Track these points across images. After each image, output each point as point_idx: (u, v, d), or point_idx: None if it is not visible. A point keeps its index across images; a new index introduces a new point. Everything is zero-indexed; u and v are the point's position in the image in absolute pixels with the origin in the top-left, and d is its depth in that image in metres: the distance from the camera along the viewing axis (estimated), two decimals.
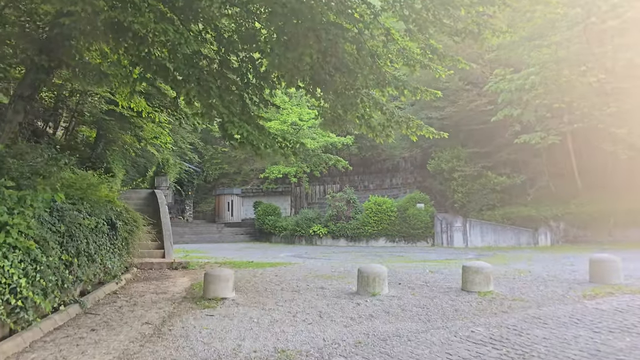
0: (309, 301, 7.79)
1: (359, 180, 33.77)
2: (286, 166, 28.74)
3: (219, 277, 8.04)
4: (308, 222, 26.92)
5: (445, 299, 7.81)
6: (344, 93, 9.04)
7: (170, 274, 11.30)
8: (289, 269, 12.28)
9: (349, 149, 33.67)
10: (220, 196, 34.18)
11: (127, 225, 10.19)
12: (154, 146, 18.23)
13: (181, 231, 29.13)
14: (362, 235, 25.83)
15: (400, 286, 9.02)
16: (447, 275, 10.30)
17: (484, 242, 23.91)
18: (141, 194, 15.80)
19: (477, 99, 25.19)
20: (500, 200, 25.09)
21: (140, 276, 10.85)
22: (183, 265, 12.41)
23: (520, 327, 6.09)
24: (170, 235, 13.68)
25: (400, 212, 25.69)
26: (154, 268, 12.16)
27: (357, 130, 10.01)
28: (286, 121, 27.83)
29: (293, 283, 9.57)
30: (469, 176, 25.35)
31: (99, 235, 8.24)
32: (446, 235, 24.74)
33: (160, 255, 13.34)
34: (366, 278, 8.17)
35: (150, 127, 17.39)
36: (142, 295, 8.35)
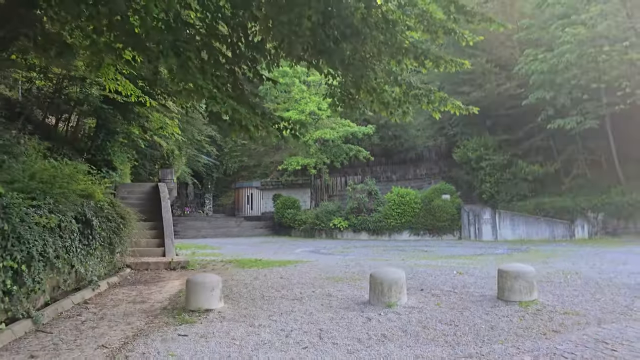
0: (310, 314, 6.28)
1: (381, 171, 32.06)
2: (305, 157, 27.24)
3: (203, 285, 6.60)
4: (328, 215, 25.40)
5: (479, 311, 6.19)
6: (352, 64, 7.46)
7: (164, 276, 9.95)
8: (299, 268, 10.80)
9: (371, 139, 31.95)
10: (240, 189, 32.95)
11: (110, 222, 8.85)
12: (163, 137, 16.99)
13: (199, 225, 28.01)
14: (385, 229, 24.19)
15: (423, 293, 7.43)
16: (479, 278, 8.65)
17: (514, 234, 22.00)
18: (145, 187, 14.56)
19: (506, 82, 23.21)
20: (532, 190, 23.13)
21: (130, 279, 9.52)
22: (182, 265, 11.05)
23: (580, 355, 4.48)
24: (172, 232, 12.37)
25: (425, 204, 23.95)
26: (149, 268, 10.84)
27: (368, 107, 8.42)
28: (304, 111, 26.27)
29: (297, 288, 8.07)
30: (497, 165, 23.43)
31: (66, 235, 6.88)
32: (474, 227, 22.92)
33: (160, 254, 12.03)
34: (380, 286, 6.60)
35: (157, 117, 16.13)
36: (116, 306, 6.97)
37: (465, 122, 26.01)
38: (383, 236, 24.25)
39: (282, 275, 9.64)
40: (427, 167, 31.06)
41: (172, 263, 11.01)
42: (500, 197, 23.43)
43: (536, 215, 21.81)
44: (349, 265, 11.17)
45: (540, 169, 22.75)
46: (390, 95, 7.77)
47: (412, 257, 13.60)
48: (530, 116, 23.50)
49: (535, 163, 23.17)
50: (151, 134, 16.24)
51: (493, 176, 23.64)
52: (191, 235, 26.32)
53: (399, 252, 16.30)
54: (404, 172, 31.42)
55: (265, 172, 34.86)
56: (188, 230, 26.91)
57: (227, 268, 10.95)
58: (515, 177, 23.24)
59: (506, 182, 23.38)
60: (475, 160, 24.13)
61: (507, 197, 23.26)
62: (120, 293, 7.87)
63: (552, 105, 20.98)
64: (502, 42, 23.71)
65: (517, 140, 23.90)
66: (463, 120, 25.82)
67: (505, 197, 23.29)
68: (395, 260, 12.41)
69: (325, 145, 28.80)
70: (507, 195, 23.26)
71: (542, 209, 21.98)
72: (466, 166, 25.59)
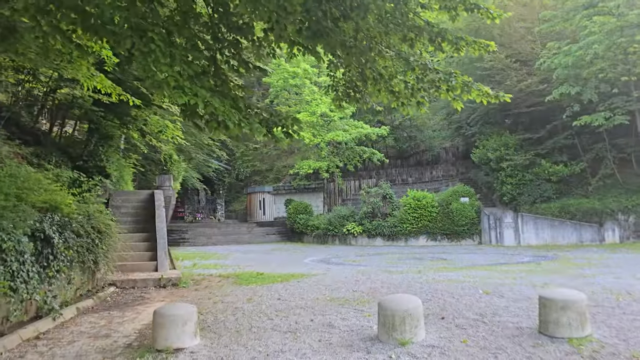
0: (303, 356, 4.89)
1: (397, 173, 30.51)
2: (317, 160, 25.89)
3: (172, 319, 5.25)
4: (341, 220, 23.97)
5: (518, 354, 4.72)
6: (355, 46, 6.08)
7: (149, 296, 8.65)
8: (303, 284, 9.42)
9: (385, 141, 30.57)
10: (252, 194, 31.70)
11: (82, 237, 7.59)
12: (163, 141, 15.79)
13: (209, 232, 26.81)
14: (401, 234, 22.67)
15: (444, 323, 5.98)
16: (511, 301, 7.14)
17: (539, 239, 20.32)
18: (141, 195, 13.36)
19: (527, 78, 21.53)
20: (556, 192, 21.40)
21: (109, 301, 8.24)
22: (173, 282, 9.75)
23: None
24: (165, 243, 11.10)
25: (443, 208, 22.38)
26: (136, 286, 9.56)
27: (374, 99, 7.01)
28: (315, 112, 24.95)
29: (294, 315, 6.68)
30: (519, 165, 21.75)
31: (11, 258, 5.61)
32: (495, 232, 21.29)
33: (151, 269, 10.75)
34: (391, 318, 5.18)
35: (155, 120, 14.94)
36: (72, 342, 5.66)
37: (483, 121, 24.38)
38: (399, 242, 22.73)
39: (281, 295, 8.26)
40: (444, 168, 29.46)
41: (162, 280, 9.71)
42: (523, 199, 21.75)
43: (561, 218, 20.11)
44: (359, 281, 9.75)
45: (565, 169, 21.02)
46: (402, 83, 6.34)
47: (429, 268, 12.12)
48: (553, 113, 21.81)
49: (559, 163, 21.45)
50: (150, 138, 15.05)
51: (514, 177, 21.97)
52: (201, 243, 25.14)
53: (415, 260, 14.81)
54: (420, 175, 29.84)
55: (278, 176, 33.60)
56: (198, 238, 25.74)
57: (222, 285, 9.61)
58: (538, 178, 21.55)
59: (528, 183, 21.70)
60: (495, 160, 22.48)
61: (529, 199, 21.58)
62: (85, 323, 6.56)
63: (577, 101, 19.28)
64: (523, 36, 22.08)
65: (539, 139, 22.20)
66: (482, 119, 24.21)
67: (527, 199, 21.61)
68: (411, 273, 10.95)
69: (338, 148, 27.43)
70: (530, 197, 21.58)
71: (567, 211, 20.27)
72: (485, 167, 23.95)
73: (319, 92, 26.16)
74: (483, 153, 23.17)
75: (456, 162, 29.47)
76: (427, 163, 30.61)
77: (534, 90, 21.29)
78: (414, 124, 30.90)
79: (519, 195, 21.91)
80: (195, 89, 5.13)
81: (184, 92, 5.02)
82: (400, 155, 31.21)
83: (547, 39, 21.51)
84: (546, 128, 21.80)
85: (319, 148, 25.95)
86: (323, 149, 25.65)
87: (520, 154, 21.88)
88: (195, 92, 5.09)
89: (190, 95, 5.04)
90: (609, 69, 18.14)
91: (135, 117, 14.23)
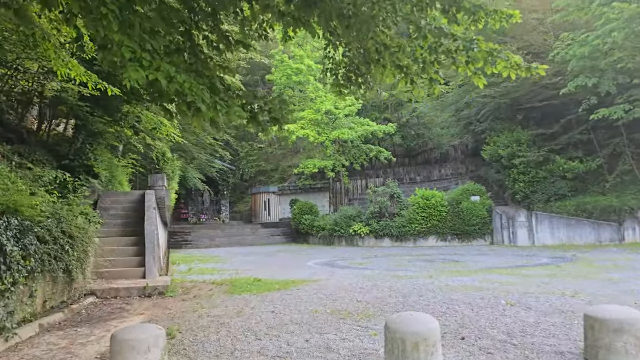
0: None
1: (404, 172, 29.37)
2: (322, 159, 24.82)
3: (133, 345, 4.22)
4: (347, 221, 22.89)
5: None
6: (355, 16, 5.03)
7: (129, 308, 7.64)
8: (302, 293, 8.37)
9: (392, 139, 29.45)
10: (256, 195, 30.71)
11: (48, 244, 6.59)
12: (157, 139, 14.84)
13: (213, 234, 25.83)
14: (409, 234, 21.56)
15: (465, 346, 4.89)
16: (540, 314, 6.03)
17: (554, 239, 19.13)
18: (132, 196, 12.39)
19: None
20: (571, 189, 20.17)
21: (83, 314, 7.23)
22: (160, 291, 8.74)
23: None
24: (154, 247, 10.11)
25: (452, 207, 21.24)
26: (119, 296, 8.56)
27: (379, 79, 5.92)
28: (320, 110, 23.90)
29: (287, 333, 5.63)
30: (532, 162, 20.55)
31: None
32: (507, 231, 20.12)
33: (139, 275, 9.76)
34: (400, 342, 4.12)
35: (149, 117, 13.98)
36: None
37: (494, 116, 23.18)
38: (407, 242, 21.63)
39: (275, 306, 7.21)
40: (453, 167, 28.27)
41: (147, 288, 8.71)
42: (536, 197, 20.54)
43: (578, 217, 18.91)
44: (364, 288, 8.68)
45: (581, 165, 19.80)
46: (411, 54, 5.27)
47: (441, 272, 11.03)
48: (567, 107, 20.61)
49: (574, 159, 20.24)
50: (144, 135, 14.09)
51: (527, 174, 20.77)
52: (204, 245, 24.17)
53: (425, 263, 13.72)
54: (428, 173, 28.68)
55: (283, 176, 32.60)
56: (201, 240, 24.77)
57: (212, 294, 8.59)
58: (552, 175, 20.34)
59: (542, 180, 20.49)
60: (506, 157, 21.28)
61: (543, 197, 20.37)
62: (43, 344, 5.56)
63: (594, 94, 18.08)
64: (534, 27, 20.90)
65: (552, 135, 20.99)
66: (492, 114, 23.02)
67: (541, 197, 20.40)
68: (421, 278, 9.87)
69: (344, 147, 26.36)
70: (544, 195, 20.37)
71: (583, 209, 19.06)
72: (496, 164, 22.76)
73: (323, 89, 25.14)
74: (494, 150, 21.98)
75: (465, 160, 28.28)
76: (435, 161, 29.44)
77: (547, 84, 20.11)
78: (422, 122, 29.75)
79: (532, 193, 20.71)
80: (157, 62, 4.11)
81: (141, 66, 4.00)
82: (408, 154, 30.06)
83: (560, 30, 20.32)
84: (560, 123, 20.60)
85: (324, 146, 24.90)
86: (328, 148, 24.59)
87: (533, 150, 20.69)
88: (156, 66, 4.08)
89: (149, 69, 4.02)
90: (628, 58, 16.92)
91: (127, 113, 13.27)
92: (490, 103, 21.79)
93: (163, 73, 4.08)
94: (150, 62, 4.05)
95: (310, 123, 24.27)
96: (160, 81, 4.06)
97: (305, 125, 24.20)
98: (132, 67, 3.95)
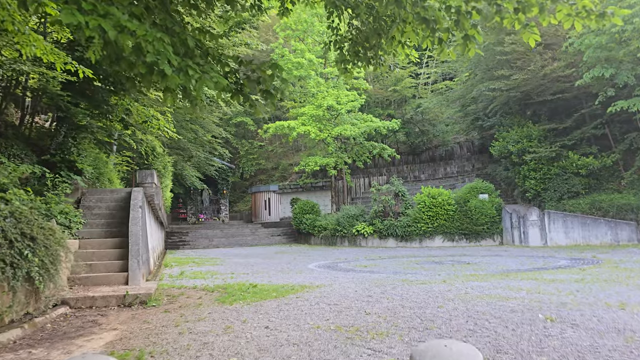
0: None
1: (408, 170, 28.25)
2: (324, 157, 23.71)
3: None
4: (350, 220, 21.78)
5: None
6: None
7: (104, 321, 6.53)
8: (302, 302, 7.26)
9: (396, 136, 28.40)
10: (257, 194, 29.61)
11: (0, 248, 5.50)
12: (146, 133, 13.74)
13: (211, 234, 24.73)
14: (415, 234, 20.45)
15: None
16: (594, 334, 4.87)
17: (568, 239, 17.99)
18: (119, 194, 11.30)
19: (552, 63, 19.21)
20: (585, 186, 19.06)
21: (48, 329, 6.13)
22: (142, 300, 7.64)
23: None
24: (139, 250, 9.02)
25: (460, 205, 20.14)
26: (95, 305, 7.46)
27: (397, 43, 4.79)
28: (321, 105, 22.78)
29: (281, 359, 4.52)
30: (544, 158, 19.44)
31: None
32: (518, 231, 18.99)
33: (122, 281, 8.66)
34: None
35: (140, 110, 12.89)
36: None
37: (503, 111, 22.02)
38: (413, 243, 20.51)
39: (271, 320, 6.10)
40: (459, 164, 27.14)
41: (128, 297, 7.60)
42: (548, 195, 19.43)
43: (593, 216, 17.77)
44: (372, 297, 7.56)
45: (595, 161, 18.68)
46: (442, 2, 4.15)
47: (455, 277, 9.91)
48: (581, 101, 19.51)
49: (588, 155, 19.13)
50: (133, 129, 13.01)
51: (538, 171, 19.67)
52: (202, 246, 23.08)
53: (435, 265, 12.60)
54: (433, 171, 27.55)
55: (284, 174, 31.51)
56: (199, 240, 23.68)
57: (200, 303, 7.48)
58: (564, 172, 19.22)
59: (554, 177, 19.37)
60: (516, 153, 20.16)
61: (555, 195, 19.26)
62: None
63: (611, 85, 16.96)
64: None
65: (565, 130, 19.85)
66: (501, 109, 21.87)
67: (553, 195, 19.29)
68: (435, 284, 8.76)
69: (346, 144, 25.25)
70: (556, 192, 19.25)
71: (598, 207, 17.92)
72: (505, 161, 21.65)
73: (325, 84, 24.03)
74: (503, 146, 20.86)
75: (471, 157, 27.17)
76: (440, 159, 28.32)
77: (560, 76, 18.99)
78: (426, 118, 28.62)
79: (544, 190, 19.60)
80: (103, 7, 3.00)
81: (79, 9, 2.90)
82: (412, 151, 28.95)
83: None
84: (573, 117, 19.46)
85: (325, 143, 23.79)
86: (330, 145, 23.48)
87: (545, 145, 19.56)
88: (102, 11, 2.97)
89: (90, 16, 2.92)
90: None
91: (115, 105, 12.17)
92: (499, 97, 20.64)
93: (111, 20, 2.98)
94: (94, 5, 2.95)
95: (311, 119, 23.17)
96: (108, 31, 2.95)
97: (306, 121, 23.11)
98: (67, 11, 2.85)
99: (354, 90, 24.75)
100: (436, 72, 31.45)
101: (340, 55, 5.82)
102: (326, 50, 5.90)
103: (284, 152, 32.80)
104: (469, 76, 24.35)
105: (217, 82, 3.46)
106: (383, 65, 5.70)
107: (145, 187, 12.03)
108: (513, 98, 20.44)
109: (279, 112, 32.37)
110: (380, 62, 5.68)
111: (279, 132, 24.04)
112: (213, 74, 3.50)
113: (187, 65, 3.42)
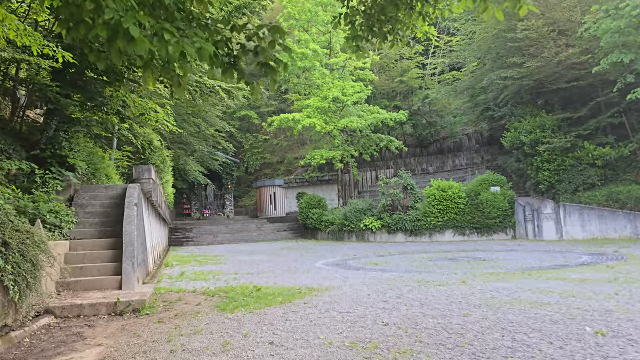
0: None
1: (416, 162, 27.38)
2: (330, 150, 22.88)
3: None
4: (358, 215, 20.97)
5: None
6: None
7: (89, 333, 5.78)
8: (310, 310, 6.48)
9: (403, 128, 27.55)
10: (262, 188, 28.84)
11: None
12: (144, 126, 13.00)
13: (216, 230, 24.01)
14: (424, 228, 19.63)
15: None
16: None
17: (585, 232, 17.12)
18: (115, 190, 10.54)
19: (566, 49, 18.26)
20: (601, 177, 18.17)
21: (24, 345, 5.38)
22: (134, 307, 6.89)
23: None
24: (134, 251, 8.28)
25: (471, 198, 19.30)
26: (82, 314, 6.72)
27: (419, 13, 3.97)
28: (327, 97, 21.93)
29: None
30: (558, 149, 18.53)
31: None
32: (532, 224, 18.12)
33: (115, 285, 7.92)
34: None
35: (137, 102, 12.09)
36: None
37: (514, 101, 21.09)
38: (422, 237, 19.70)
39: (276, 333, 5.33)
40: (467, 156, 26.25)
41: (119, 304, 6.85)
42: (562, 187, 18.54)
43: (610, 208, 16.88)
44: (388, 301, 6.78)
45: (612, 151, 17.76)
46: None
47: (473, 276, 9.12)
48: (596, 89, 18.59)
49: (604, 144, 18.20)
50: (130, 122, 12.26)
51: (552, 162, 18.77)
52: (206, 242, 22.37)
53: (449, 262, 11.80)
54: (442, 163, 26.68)
55: (289, 168, 30.70)
56: (203, 236, 22.97)
57: (199, 311, 6.71)
58: (580, 163, 18.33)
59: (569, 168, 18.48)
60: (529, 144, 19.26)
61: (570, 187, 18.37)
62: None
63: (630, 72, 16.02)
64: (558, 2, 18.76)
65: (580, 119, 18.90)
66: (512, 98, 20.94)
67: (568, 187, 18.40)
68: (454, 285, 7.97)
69: (352, 136, 24.41)
70: (571, 184, 18.36)
71: (615, 199, 17.03)
72: (517, 152, 20.76)
73: (331, 75, 23.16)
74: (515, 136, 19.96)
75: (480, 149, 26.26)
76: (448, 151, 27.43)
77: (574, 63, 18.04)
78: (434, 109, 27.70)
79: (558, 182, 18.71)
80: None
81: None
82: (420, 143, 28.06)
83: (586, 4, 18.20)
84: (588, 106, 18.53)
85: (331, 136, 22.96)
86: (336, 137, 22.64)
87: (559, 135, 18.64)
88: None
89: None
90: None
91: (110, 97, 11.38)
92: (511, 86, 19.71)
93: None
94: None
95: (316, 111, 22.32)
96: None
97: (311, 113, 22.26)
98: None
99: (360, 81, 23.86)
100: (443, 62, 30.44)
101: (352, 30, 5.01)
102: (336, 25, 5.03)
103: (289, 145, 31.99)
104: (477, 65, 23.40)
105: (201, 49, 2.66)
106: (402, 41, 4.89)
107: (143, 183, 11.26)
108: (525, 87, 19.51)
109: (284, 104, 31.53)
110: (398, 37, 4.87)
111: (284, 125, 23.21)
112: (196, 38, 2.70)
113: (163, 28, 2.62)
